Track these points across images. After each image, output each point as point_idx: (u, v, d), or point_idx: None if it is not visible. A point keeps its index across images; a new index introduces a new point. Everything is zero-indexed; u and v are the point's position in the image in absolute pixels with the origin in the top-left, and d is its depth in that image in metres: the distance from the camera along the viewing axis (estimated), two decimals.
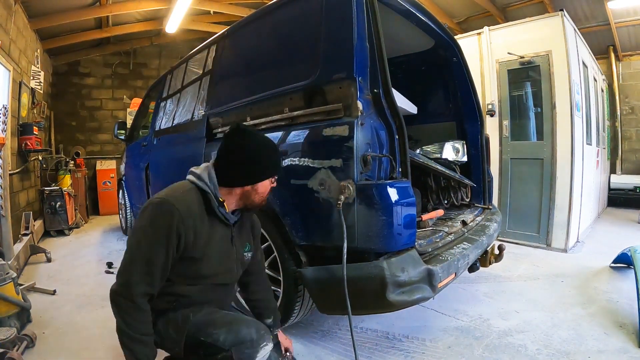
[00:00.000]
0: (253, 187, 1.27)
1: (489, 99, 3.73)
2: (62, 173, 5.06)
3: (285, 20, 1.92)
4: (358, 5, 1.55)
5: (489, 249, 2.10)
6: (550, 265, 2.96)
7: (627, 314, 2.06)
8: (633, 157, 6.31)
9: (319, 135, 1.55)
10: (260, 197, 1.30)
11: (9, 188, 2.96)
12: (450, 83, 2.61)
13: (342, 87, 1.52)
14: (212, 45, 2.47)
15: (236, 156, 1.25)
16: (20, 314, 1.94)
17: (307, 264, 1.64)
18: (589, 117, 3.98)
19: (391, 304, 1.39)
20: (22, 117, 4.02)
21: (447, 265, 1.53)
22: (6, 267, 1.95)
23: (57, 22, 4.65)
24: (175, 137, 2.77)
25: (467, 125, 2.54)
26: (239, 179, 1.26)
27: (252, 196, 1.28)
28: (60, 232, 4.35)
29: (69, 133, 6.25)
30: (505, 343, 1.80)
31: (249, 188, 1.27)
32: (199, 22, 6.07)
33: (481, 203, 2.49)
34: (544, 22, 3.39)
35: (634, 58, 6.18)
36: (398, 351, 1.75)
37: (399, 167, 1.52)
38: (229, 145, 1.27)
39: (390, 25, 2.14)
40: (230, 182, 1.25)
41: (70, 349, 1.79)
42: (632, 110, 6.29)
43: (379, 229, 1.40)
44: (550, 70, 3.32)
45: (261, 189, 1.29)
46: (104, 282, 2.76)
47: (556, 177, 3.34)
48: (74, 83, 6.29)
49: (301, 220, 1.63)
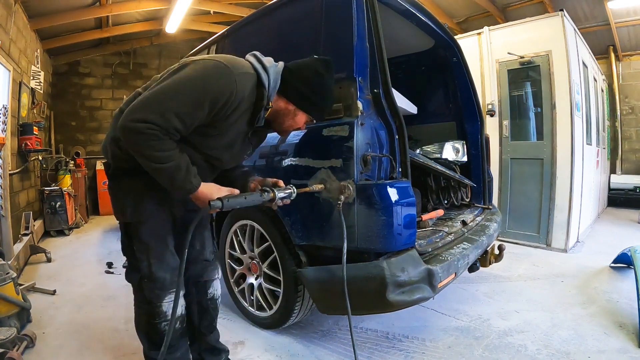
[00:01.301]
0: (295, 111, 1.27)
1: (489, 99, 3.73)
2: (62, 173, 5.05)
3: (285, 20, 1.92)
4: (358, 6, 1.55)
5: (489, 249, 2.10)
6: (550, 265, 2.96)
7: (627, 314, 2.06)
8: (633, 157, 6.31)
9: (319, 135, 1.55)
10: (289, 125, 1.31)
11: (9, 188, 2.97)
12: (450, 83, 2.61)
13: (342, 87, 1.52)
14: (212, 45, 2.47)
15: (310, 77, 1.24)
16: (20, 314, 1.94)
17: (307, 264, 1.65)
18: (589, 117, 3.98)
19: (391, 304, 1.39)
20: (22, 117, 4.02)
21: (447, 265, 1.53)
22: (6, 267, 1.95)
23: (57, 22, 4.65)
24: None
25: (467, 125, 2.54)
26: (294, 95, 1.25)
27: (287, 119, 1.29)
28: (60, 232, 4.36)
29: (69, 133, 6.25)
30: (505, 343, 1.80)
31: (292, 109, 1.27)
32: (199, 22, 6.07)
33: (481, 203, 2.49)
34: (543, 22, 3.39)
35: (634, 58, 6.18)
36: (398, 351, 1.75)
37: (399, 167, 1.52)
38: (312, 65, 1.25)
39: (390, 25, 2.14)
40: (286, 91, 1.25)
41: (70, 349, 1.79)
42: (632, 110, 6.29)
43: (379, 229, 1.40)
44: (550, 70, 3.32)
45: (298, 118, 1.29)
46: (104, 282, 2.76)
47: (556, 177, 3.34)
48: (74, 83, 6.29)
49: (301, 220, 1.63)
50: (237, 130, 1.23)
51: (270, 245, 1.80)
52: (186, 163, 1.11)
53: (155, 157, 1.05)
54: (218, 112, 1.11)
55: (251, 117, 1.22)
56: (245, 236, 1.95)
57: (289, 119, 1.29)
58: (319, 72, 1.25)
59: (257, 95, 1.18)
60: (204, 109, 1.07)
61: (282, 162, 1.69)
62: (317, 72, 1.25)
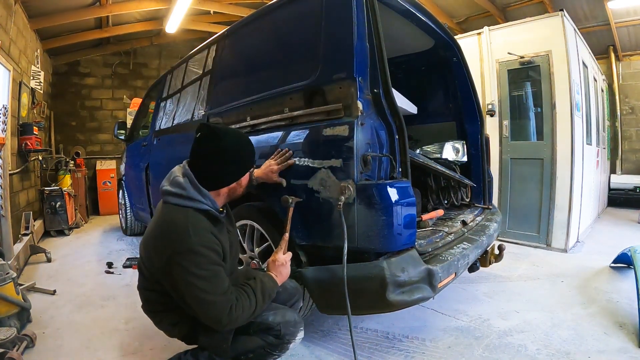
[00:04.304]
0: (238, 182, 1.35)
1: (489, 99, 3.73)
2: (62, 173, 5.06)
3: (285, 20, 1.92)
4: (358, 5, 1.54)
5: (489, 249, 2.10)
6: (550, 265, 2.96)
7: (627, 314, 2.06)
8: (633, 157, 6.31)
9: (319, 135, 1.55)
10: (243, 187, 1.39)
11: (9, 188, 2.97)
12: (450, 83, 2.61)
13: (342, 87, 1.51)
14: (212, 45, 2.47)
15: (217, 160, 1.27)
16: (20, 314, 1.94)
17: (307, 264, 1.64)
18: (589, 117, 3.98)
19: (391, 304, 1.39)
20: (22, 117, 4.02)
21: (447, 265, 1.53)
22: (6, 267, 1.95)
23: (57, 22, 4.65)
24: (175, 137, 2.77)
25: (467, 125, 2.54)
26: (224, 181, 1.31)
27: (237, 190, 1.37)
28: (60, 232, 4.36)
29: (69, 133, 6.25)
30: (505, 343, 1.80)
31: (235, 185, 1.34)
32: (199, 22, 6.07)
33: (481, 203, 2.49)
34: (543, 22, 3.39)
35: (634, 58, 6.18)
36: (398, 351, 1.75)
37: (399, 167, 1.52)
38: (206, 151, 1.27)
39: (390, 25, 2.14)
40: (216, 185, 1.29)
41: (70, 349, 1.79)
42: (632, 110, 6.29)
43: (379, 229, 1.40)
44: (550, 70, 3.32)
45: (244, 180, 1.38)
46: (104, 282, 2.76)
47: (556, 177, 3.34)
48: (74, 83, 6.29)
49: (301, 220, 1.62)
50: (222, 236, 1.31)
51: (270, 245, 1.80)
52: (252, 289, 1.25)
53: (253, 311, 1.23)
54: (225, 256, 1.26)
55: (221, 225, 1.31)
56: (245, 236, 1.95)
57: (237, 189, 1.37)
58: (216, 147, 1.27)
59: (209, 216, 1.25)
60: (223, 266, 1.22)
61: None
62: (217, 149, 1.27)
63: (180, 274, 1.13)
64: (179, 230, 1.16)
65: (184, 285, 1.14)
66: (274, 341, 1.32)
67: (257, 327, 1.32)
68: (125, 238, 4.21)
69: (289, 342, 1.34)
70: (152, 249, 1.22)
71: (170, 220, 1.20)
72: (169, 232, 1.18)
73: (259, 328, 1.32)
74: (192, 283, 1.13)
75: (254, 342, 1.32)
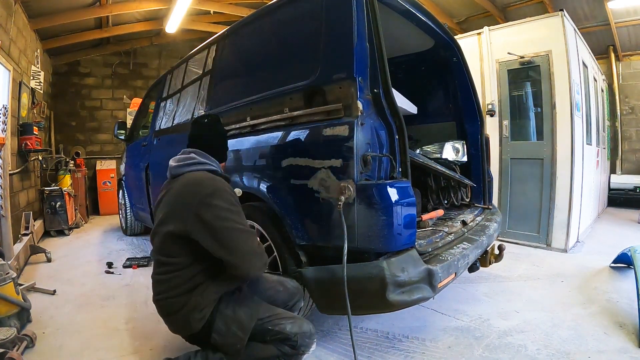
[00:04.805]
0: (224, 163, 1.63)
1: (489, 99, 3.73)
2: (62, 173, 5.05)
3: (285, 20, 1.92)
4: (358, 5, 1.55)
5: (489, 249, 2.10)
6: (550, 265, 2.96)
7: (627, 314, 2.06)
8: (633, 157, 6.31)
9: (319, 135, 1.55)
10: None
11: (9, 188, 2.96)
12: (450, 83, 2.61)
13: (342, 87, 1.52)
14: (212, 45, 2.47)
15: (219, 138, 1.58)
16: (20, 314, 1.94)
17: (307, 264, 1.64)
18: (589, 117, 3.98)
19: (391, 304, 1.39)
20: (22, 117, 4.02)
21: (447, 265, 1.53)
22: (6, 267, 1.95)
23: (57, 22, 4.65)
24: (175, 137, 2.77)
25: (467, 125, 2.54)
26: (224, 155, 1.61)
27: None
28: (60, 232, 4.35)
29: (69, 133, 6.25)
30: (505, 343, 1.80)
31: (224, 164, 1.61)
32: (199, 22, 6.07)
33: (481, 203, 2.49)
34: (544, 22, 3.39)
35: (634, 58, 6.18)
36: (398, 351, 1.75)
37: (399, 167, 1.52)
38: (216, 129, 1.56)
39: (390, 25, 2.14)
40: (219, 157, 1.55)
41: (70, 349, 1.79)
42: (632, 110, 6.29)
43: (379, 229, 1.40)
44: (550, 70, 3.32)
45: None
46: (104, 282, 2.76)
47: (556, 177, 3.34)
48: (74, 83, 6.29)
49: (301, 221, 1.63)
50: None
51: (270, 245, 1.80)
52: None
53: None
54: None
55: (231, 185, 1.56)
56: None
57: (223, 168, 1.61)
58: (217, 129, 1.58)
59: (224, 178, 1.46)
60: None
61: (281, 162, 1.69)
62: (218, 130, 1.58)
63: (213, 212, 1.24)
64: (203, 182, 1.33)
65: (219, 222, 1.24)
66: (289, 351, 1.34)
67: (274, 337, 1.34)
68: (125, 238, 4.20)
69: (303, 353, 1.37)
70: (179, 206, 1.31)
71: (192, 178, 1.36)
72: (194, 185, 1.33)
73: (276, 337, 1.34)
74: (226, 217, 1.25)
75: (269, 350, 1.34)
